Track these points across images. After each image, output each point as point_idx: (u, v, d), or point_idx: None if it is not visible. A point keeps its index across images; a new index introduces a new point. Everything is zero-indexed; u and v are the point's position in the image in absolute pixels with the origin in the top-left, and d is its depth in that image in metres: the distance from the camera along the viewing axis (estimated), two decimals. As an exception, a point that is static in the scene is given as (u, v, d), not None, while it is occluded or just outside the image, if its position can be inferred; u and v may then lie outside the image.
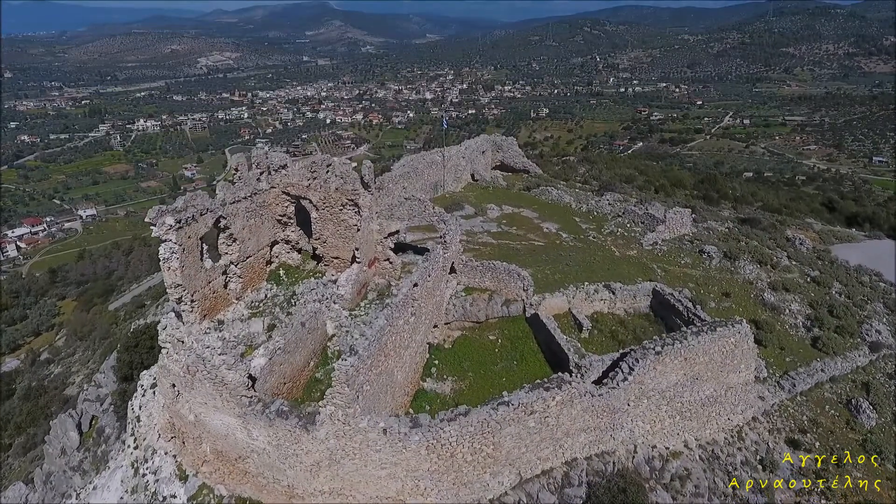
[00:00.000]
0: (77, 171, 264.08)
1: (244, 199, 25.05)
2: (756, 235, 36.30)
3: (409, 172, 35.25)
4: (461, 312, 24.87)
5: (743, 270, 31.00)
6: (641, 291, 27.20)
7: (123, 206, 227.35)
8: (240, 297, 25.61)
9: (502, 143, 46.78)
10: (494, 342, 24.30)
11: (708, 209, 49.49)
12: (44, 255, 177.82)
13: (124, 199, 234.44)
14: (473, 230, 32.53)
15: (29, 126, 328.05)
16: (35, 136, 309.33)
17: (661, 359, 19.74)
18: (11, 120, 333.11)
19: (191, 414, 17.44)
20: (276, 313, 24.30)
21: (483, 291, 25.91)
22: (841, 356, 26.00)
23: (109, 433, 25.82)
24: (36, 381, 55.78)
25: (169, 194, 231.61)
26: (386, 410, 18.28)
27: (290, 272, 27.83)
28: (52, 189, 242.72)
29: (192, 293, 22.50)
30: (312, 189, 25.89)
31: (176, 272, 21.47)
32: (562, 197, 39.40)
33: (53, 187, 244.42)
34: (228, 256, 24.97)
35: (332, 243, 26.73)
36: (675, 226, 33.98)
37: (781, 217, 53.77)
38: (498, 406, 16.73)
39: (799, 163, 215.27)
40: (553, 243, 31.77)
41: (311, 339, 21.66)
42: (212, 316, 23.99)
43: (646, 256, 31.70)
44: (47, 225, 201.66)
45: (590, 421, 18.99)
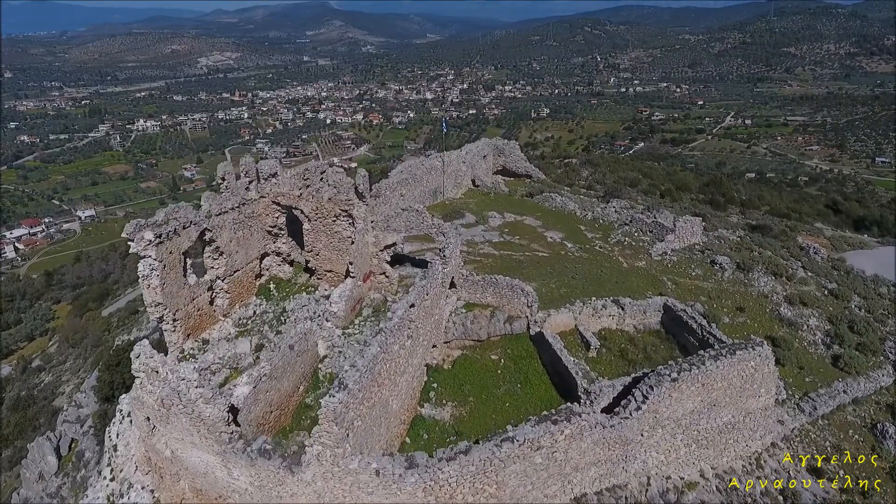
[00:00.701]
0: (76, 172, 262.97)
1: (231, 210, 23.66)
2: (769, 244, 34.83)
3: (408, 179, 33.80)
4: (462, 331, 23.44)
5: (757, 283, 29.54)
6: (652, 307, 25.76)
7: (122, 207, 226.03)
8: (227, 313, 24.22)
9: (504, 148, 45.31)
10: (497, 362, 22.87)
11: (716, 215, 48.07)
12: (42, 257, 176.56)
13: (123, 200, 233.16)
14: (474, 240, 31.10)
15: (28, 126, 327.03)
16: (35, 137, 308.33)
17: (678, 386, 18.31)
18: (11, 120, 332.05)
19: (167, 449, 16.03)
20: (265, 332, 22.90)
21: (485, 308, 24.47)
22: (864, 376, 24.53)
23: (89, 457, 24.43)
24: (25, 390, 54.37)
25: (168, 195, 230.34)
26: (380, 444, 16.87)
27: (281, 286, 26.43)
28: (51, 190, 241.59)
29: (175, 312, 21.15)
30: (304, 199, 24.48)
31: (156, 290, 20.10)
32: (566, 204, 37.95)
33: (53, 188, 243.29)
34: (215, 271, 23.58)
35: (325, 256, 25.33)
36: (685, 235, 32.54)
37: (791, 222, 52.42)
38: (502, 442, 15.31)
39: (801, 163, 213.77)
40: (558, 254, 30.34)
41: (301, 361, 20.24)
42: (196, 335, 22.62)
43: (655, 268, 30.25)
44: (46, 226, 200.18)
45: (601, 454, 17.57)
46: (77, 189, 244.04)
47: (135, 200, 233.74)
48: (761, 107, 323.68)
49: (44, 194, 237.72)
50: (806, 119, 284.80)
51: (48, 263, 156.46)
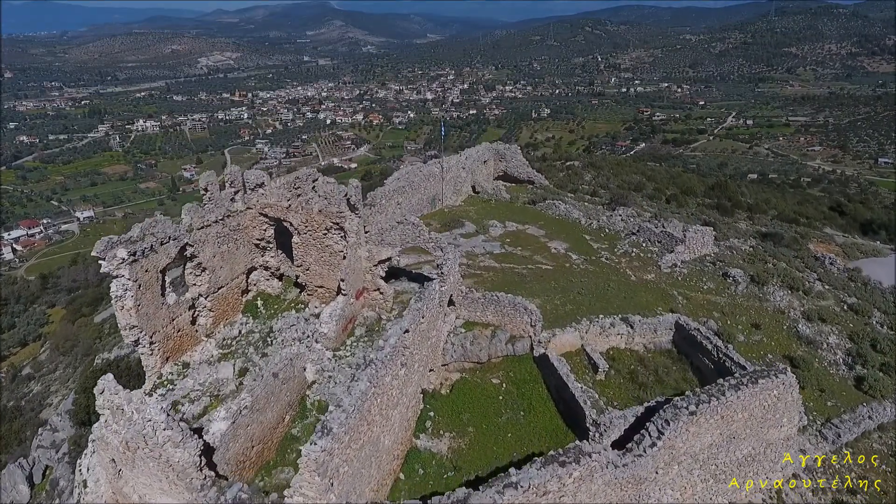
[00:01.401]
0: (75, 172, 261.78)
1: (215, 223, 22.14)
2: (782, 254, 33.31)
3: (405, 186, 32.26)
4: (461, 352, 21.94)
5: (773, 297, 28.02)
6: (663, 325, 24.25)
7: (122, 208, 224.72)
8: (211, 333, 22.71)
9: (505, 152, 43.76)
10: (498, 387, 21.37)
11: (724, 221, 46.58)
12: (40, 258, 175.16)
13: (122, 201, 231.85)
14: (474, 251, 29.59)
15: (28, 127, 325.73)
16: (34, 137, 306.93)
17: (696, 419, 16.79)
18: (11, 120, 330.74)
19: (135, 494, 14.55)
20: (250, 354, 21.38)
21: (485, 327, 22.97)
22: (889, 400, 23.01)
23: (64, 486, 22.98)
24: (13, 400, 52.88)
25: (168, 195, 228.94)
26: (370, 486, 15.37)
27: (270, 302, 24.92)
28: (49, 190, 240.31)
29: (152, 334, 19.64)
30: (293, 211, 22.98)
31: (130, 313, 18.61)
32: (570, 212, 36.41)
33: (52, 188, 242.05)
34: (197, 288, 22.06)
35: (315, 271, 23.83)
36: (696, 245, 31.01)
37: (801, 228, 50.97)
38: (504, 489, 13.79)
39: (804, 164, 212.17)
40: (562, 266, 28.82)
41: (287, 389, 18.74)
42: (176, 357, 21.12)
43: (665, 281, 28.74)
44: (44, 227, 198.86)
45: (612, 495, 16.05)
46: (76, 190, 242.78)
47: (134, 201, 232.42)
48: (763, 107, 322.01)
49: (42, 195, 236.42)
50: (808, 119, 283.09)
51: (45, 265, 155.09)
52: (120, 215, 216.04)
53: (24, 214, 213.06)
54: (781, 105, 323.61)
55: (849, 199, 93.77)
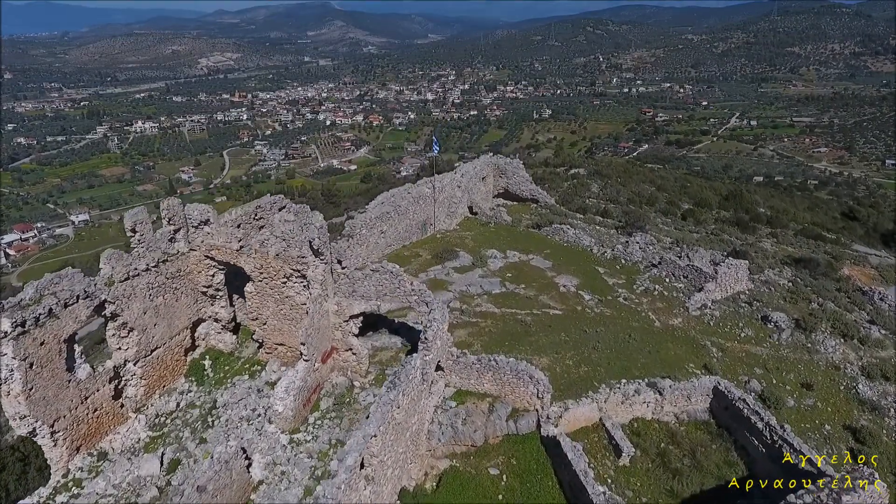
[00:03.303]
0: (73, 175, 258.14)
1: (145, 272, 17.85)
2: (826, 290, 28.91)
3: (390, 212, 27.90)
4: (450, 434, 17.61)
5: (823, 347, 23.63)
6: (698, 390, 19.88)
7: (118, 211, 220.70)
8: (142, 406, 18.43)
9: (506, 168, 39.32)
10: (497, 480, 17.02)
11: (748, 242, 42.17)
12: (33, 263, 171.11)
13: (119, 203, 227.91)
14: (470, 291, 25.21)
15: (26, 128, 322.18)
16: (32, 139, 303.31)
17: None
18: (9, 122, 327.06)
19: None
20: (185, 440, 17.06)
21: (481, 398, 18.65)
22: (980, 487, 18.65)
23: None
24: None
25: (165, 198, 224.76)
26: None
27: (220, 362, 20.59)
28: (46, 193, 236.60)
29: (53, 422, 15.35)
30: (245, 255, 18.69)
31: (18, 400, 14.31)
32: (580, 238, 32.01)
33: (48, 191, 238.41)
34: (122, 353, 17.76)
35: (274, 326, 19.53)
36: (729, 282, 26.63)
37: (829, 247, 46.63)
38: None
39: (810, 166, 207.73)
40: (573, 310, 24.45)
41: (225, 495, 14.44)
42: (91, 444, 16.82)
43: (694, 327, 24.36)
44: (38, 231, 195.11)
45: None
46: (73, 192, 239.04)
47: (131, 204, 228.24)
48: (766, 107, 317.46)
49: (39, 198, 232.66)
50: (812, 120, 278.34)
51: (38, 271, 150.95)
52: (116, 218, 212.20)
53: (19, 218, 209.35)
54: (785, 105, 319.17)
55: (859, 203, 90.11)
